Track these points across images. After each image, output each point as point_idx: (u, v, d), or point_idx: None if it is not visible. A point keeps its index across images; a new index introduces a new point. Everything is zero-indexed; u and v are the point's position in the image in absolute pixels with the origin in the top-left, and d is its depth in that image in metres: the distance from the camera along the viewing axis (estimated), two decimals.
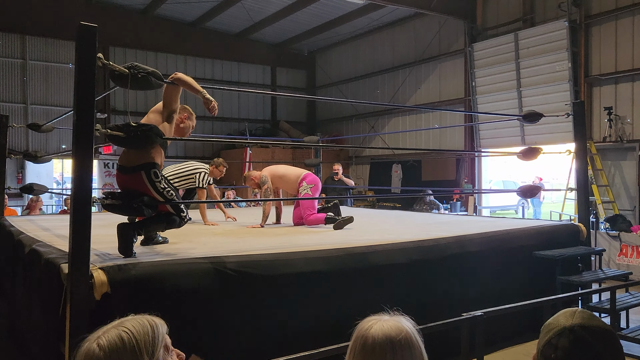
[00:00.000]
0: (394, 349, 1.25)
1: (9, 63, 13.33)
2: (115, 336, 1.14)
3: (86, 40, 2.85)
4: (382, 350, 1.24)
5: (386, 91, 14.96)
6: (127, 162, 3.44)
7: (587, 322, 1.21)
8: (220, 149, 16.21)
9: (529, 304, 3.44)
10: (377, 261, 3.91)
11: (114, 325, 1.18)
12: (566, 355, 1.17)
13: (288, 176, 5.97)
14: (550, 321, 1.26)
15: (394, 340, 1.25)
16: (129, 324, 1.18)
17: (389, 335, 1.26)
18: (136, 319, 1.20)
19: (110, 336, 1.14)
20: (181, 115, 4.10)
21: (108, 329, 1.17)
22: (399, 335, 1.26)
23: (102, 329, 1.17)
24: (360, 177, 15.61)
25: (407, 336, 1.27)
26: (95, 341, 1.13)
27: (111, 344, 1.12)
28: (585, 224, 5.67)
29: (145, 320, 1.20)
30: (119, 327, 1.17)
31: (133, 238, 3.27)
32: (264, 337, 3.34)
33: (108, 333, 1.15)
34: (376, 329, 1.28)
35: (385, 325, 1.28)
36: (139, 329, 1.17)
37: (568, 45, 10.17)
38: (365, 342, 1.27)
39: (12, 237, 4.89)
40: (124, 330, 1.16)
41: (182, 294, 3.08)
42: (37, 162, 6.50)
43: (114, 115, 14.37)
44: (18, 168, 13.23)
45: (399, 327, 1.28)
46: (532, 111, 5.72)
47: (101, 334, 1.15)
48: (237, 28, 15.67)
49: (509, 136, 11.54)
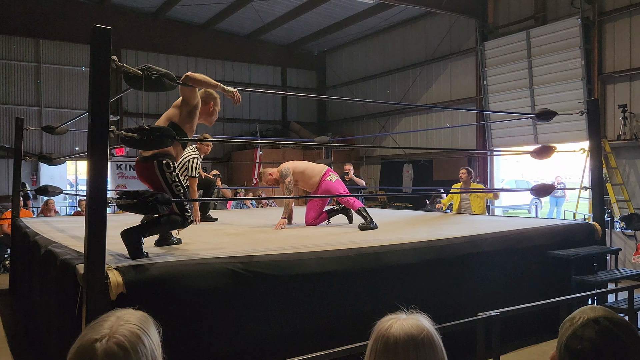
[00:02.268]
0: (417, 348, 1.23)
1: (24, 67, 13.50)
2: (131, 333, 1.07)
3: (100, 42, 2.88)
4: (404, 350, 1.23)
5: (397, 91, 14.92)
6: (144, 151, 3.56)
7: (610, 314, 1.22)
8: (231, 150, 16.28)
9: (544, 304, 3.40)
10: (390, 261, 3.90)
11: (114, 322, 1.09)
12: (593, 345, 1.17)
13: (309, 172, 5.80)
14: (572, 315, 1.26)
15: (417, 339, 1.24)
16: (131, 318, 1.11)
17: (410, 334, 1.24)
18: (134, 314, 1.13)
19: (126, 334, 1.06)
20: (209, 103, 4.17)
21: (113, 325, 1.07)
22: (420, 333, 1.25)
23: (101, 325, 1.08)
24: (371, 177, 15.58)
25: (429, 334, 1.26)
26: (109, 340, 1.04)
27: (131, 343, 1.05)
28: (600, 223, 5.60)
29: (143, 315, 1.14)
30: (125, 323, 1.08)
31: (139, 241, 3.29)
32: (278, 337, 3.34)
33: (118, 331, 1.06)
34: (397, 328, 1.26)
35: (405, 324, 1.26)
36: (145, 325, 1.11)
37: (581, 43, 10.07)
38: (387, 342, 1.24)
39: (28, 238, 4.95)
40: (135, 326, 1.09)
41: (196, 294, 3.10)
42: (52, 164, 6.57)
43: (126, 117, 14.49)
44: (33, 170, 13.39)
45: (419, 325, 1.27)
46: (546, 109, 5.67)
47: (110, 332, 1.05)
48: (247, 29, 15.72)
49: (521, 135, 11.45)
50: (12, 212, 7.30)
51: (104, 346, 1.03)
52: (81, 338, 1.07)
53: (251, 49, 16.46)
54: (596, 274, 5.05)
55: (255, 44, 16.46)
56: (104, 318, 1.11)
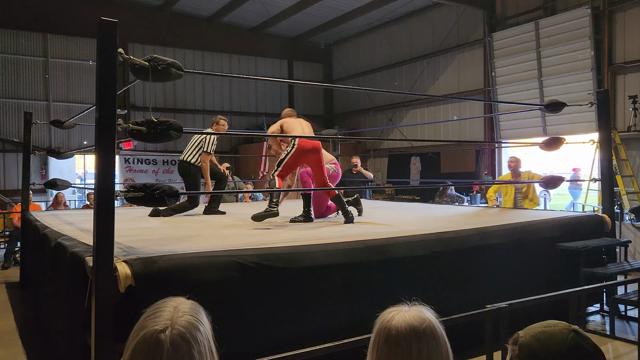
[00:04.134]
0: (419, 339, 1.23)
1: (32, 61, 13.56)
2: (191, 325, 1.10)
3: (107, 35, 2.88)
4: (407, 341, 1.22)
5: (404, 83, 14.85)
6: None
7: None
8: (238, 143, 16.30)
9: (553, 296, 3.39)
10: (398, 253, 3.90)
11: (172, 312, 1.12)
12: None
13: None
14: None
15: (418, 330, 1.23)
16: (187, 309, 1.14)
17: (412, 325, 1.24)
18: (187, 304, 1.16)
19: (186, 326, 1.09)
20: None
21: (172, 317, 1.10)
22: (422, 324, 1.24)
23: (160, 316, 1.11)
24: (379, 170, 15.55)
25: (431, 325, 1.25)
26: (171, 331, 1.07)
27: (192, 334, 1.09)
28: (610, 215, 5.56)
29: (196, 305, 1.17)
30: (184, 314, 1.12)
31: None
32: (285, 330, 3.35)
33: (179, 322, 1.09)
34: (398, 319, 1.25)
35: (407, 316, 1.26)
36: (201, 316, 1.15)
37: (591, 33, 9.96)
38: (389, 334, 1.24)
39: (38, 231, 4.99)
40: (193, 318, 1.13)
41: (204, 287, 3.11)
42: (60, 157, 6.61)
43: (133, 111, 14.53)
44: (41, 165, 13.48)
45: (421, 316, 1.26)
46: (555, 100, 5.62)
47: (171, 323, 1.08)
48: (254, 22, 15.68)
49: (530, 127, 11.37)
50: (22, 206, 7.36)
51: (168, 337, 1.06)
52: (141, 328, 1.10)
53: (257, 42, 16.43)
54: (606, 266, 5.02)
55: (261, 37, 16.43)
56: (160, 308, 1.14)
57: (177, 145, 15.16)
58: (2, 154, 13.20)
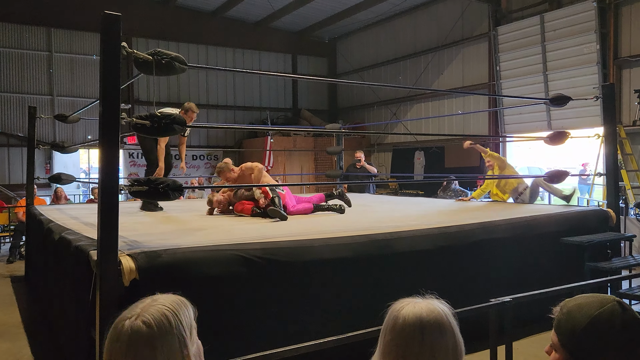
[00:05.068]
0: (423, 329, 1.24)
1: (36, 56, 13.57)
2: (159, 313, 1.12)
3: (110, 29, 2.87)
4: (411, 331, 1.25)
5: (408, 77, 14.79)
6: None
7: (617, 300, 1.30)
8: (242, 137, 16.29)
9: (557, 290, 3.38)
10: (401, 247, 3.89)
11: (148, 303, 1.16)
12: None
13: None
14: (577, 303, 1.30)
15: (424, 321, 1.25)
16: (164, 301, 1.17)
17: (419, 316, 1.26)
18: (169, 297, 1.19)
19: (153, 313, 1.12)
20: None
21: (145, 306, 1.14)
22: (429, 316, 1.26)
23: (136, 307, 1.15)
24: (383, 164, 15.53)
25: (438, 318, 1.26)
26: (137, 319, 1.11)
27: (157, 321, 1.10)
28: (615, 210, 5.54)
29: (177, 299, 1.19)
30: (156, 304, 1.15)
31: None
32: (288, 323, 3.36)
33: (148, 310, 1.12)
34: (407, 309, 1.28)
35: (416, 307, 1.28)
36: (176, 307, 1.16)
37: (596, 27, 9.88)
38: (396, 322, 1.27)
39: (42, 225, 5.01)
40: (164, 307, 1.14)
41: (207, 281, 3.12)
42: (65, 152, 6.62)
43: (137, 105, 14.54)
44: (46, 159, 13.52)
45: (430, 308, 1.28)
46: (560, 94, 5.59)
47: (140, 312, 1.12)
48: (257, 16, 15.64)
49: (534, 121, 11.31)
50: (27, 200, 7.39)
51: (131, 323, 1.10)
52: (117, 318, 1.15)
53: (261, 36, 16.38)
54: (610, 261, 5.00)
55: (265, 31, 16.38)
56: (140, 301, 1.18)
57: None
58: (7, 148, 13.23)
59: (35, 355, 4.31)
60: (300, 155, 15.10)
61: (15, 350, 4.42)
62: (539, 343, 4.30)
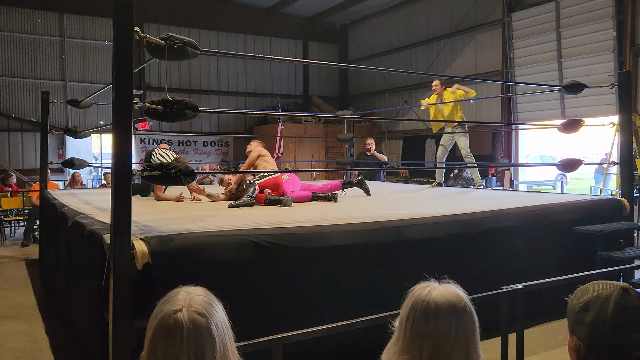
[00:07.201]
0: (457, 314, 1.25)
1: (48, 41, 13.62)
2: (205, 303, 1.16)
3: (123, 14, 2.86)
4: (446, 315, 1.24)
5: (420, 64, 14.65)
6: None
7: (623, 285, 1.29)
8: (252, 124, 16.30)
9: (569, 279, 3.36)
10: (413, 235, 3.89)
11: (186, 295, 1.17)
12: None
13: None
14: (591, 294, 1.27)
15: (458, 306, 1.25)
16: (198, 292, 1.20)
17: (452, 301, 1.26)
18: (196, 288, 1.21)
19: (200, 304, 1.15)
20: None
21: (186, 298, 1.16)
22: (461, 302, 1.27)
23: (174, 300, 1.16)
24: (394, 152, 15.46)
25: (467, 304, 1.28)
26: (189, 311, 1.12)
27: (208, 310, 1.15)
28: (629, 199, 5.48)
29: (201, 289, 1.22)
30: (196, 296, 1.17)
31: None
32: (299, 309, 3.38)
33: (195, 302, 1.15)
34: (437, 294, 1.27)
35: (444, 291, 1.28)
36: (209, 295, 1.20)
37: (613, 13, 9.70)
38: (428, 307, 1.25)
39: (56, 210, 5.07)
40: (204, 297, 1.18)
41: (219, 266, 3.14)
42: (77, 137, 6.66)
43: (149, 91, 14.58)
44: (59, 144, 13.63)
45: (458, 294, 1.29)
46: (575, 82, 5.51)
47: (185, 304, 1.14)
48: (269, 2, 15.54)
49: (548, 109, 11.18)
50: (40, 185, 7.46)
51: (186, 316, 1.11)
52: (159, 312, 1.14)
53: (272, 23, 16.30)
54: (623, 250, 4.96)
55: (276, 17, 16.29)
56: (173, 294, 1.19)
57: (193, 126, 15.22)
58: (20, 133, 13.36)
59: (50, 337, 4.39)
60: (310, 142, 15.08)
61: (32, 332, 4.50)
62: (549, 332, 4.30)
